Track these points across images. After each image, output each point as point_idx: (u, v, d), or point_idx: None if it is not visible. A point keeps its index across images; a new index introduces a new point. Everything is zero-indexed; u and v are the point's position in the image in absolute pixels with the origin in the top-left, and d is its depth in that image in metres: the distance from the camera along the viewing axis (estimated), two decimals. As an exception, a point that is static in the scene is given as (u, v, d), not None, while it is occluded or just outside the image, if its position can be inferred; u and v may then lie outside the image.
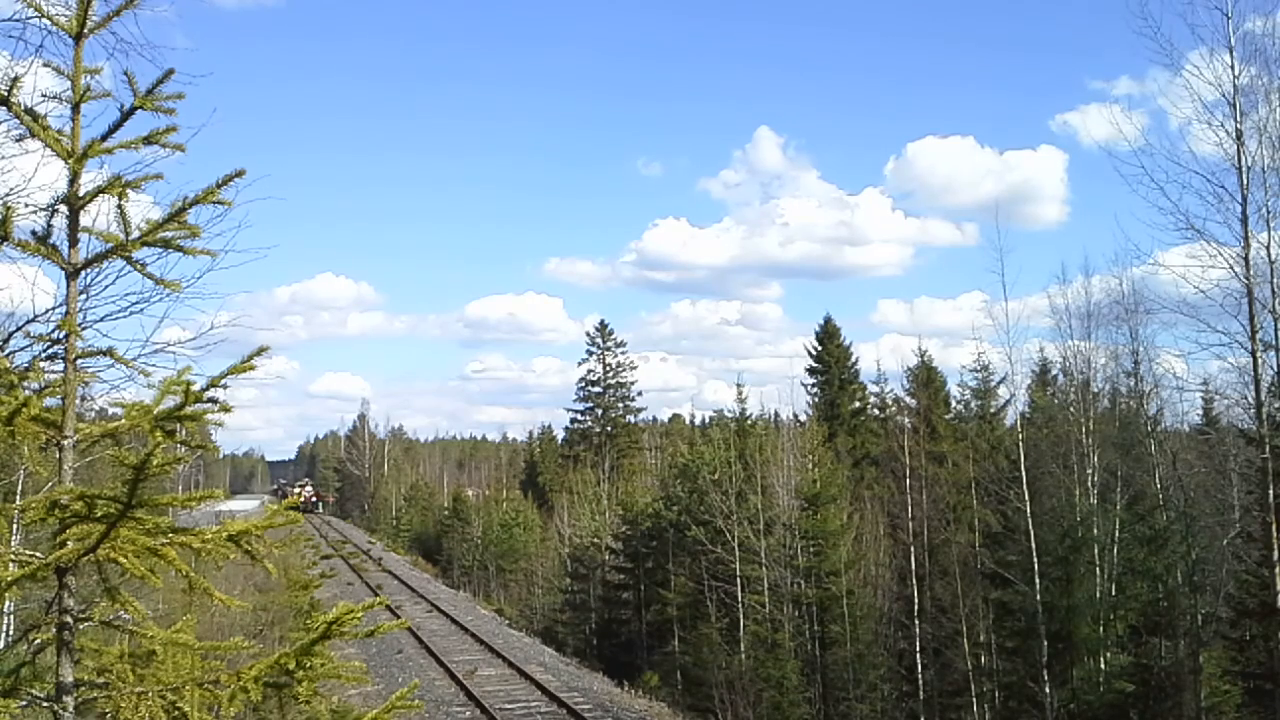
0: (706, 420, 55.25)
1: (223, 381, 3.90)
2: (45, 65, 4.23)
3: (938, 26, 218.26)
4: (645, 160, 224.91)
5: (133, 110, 3.94)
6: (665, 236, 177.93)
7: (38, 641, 4.22)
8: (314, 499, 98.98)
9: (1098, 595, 21.12)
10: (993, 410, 32.61)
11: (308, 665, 4.06)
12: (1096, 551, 21.57)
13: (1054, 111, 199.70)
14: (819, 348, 43.23)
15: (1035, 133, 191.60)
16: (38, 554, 3.93)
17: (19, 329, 6.99)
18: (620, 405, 61.29)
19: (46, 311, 7.09)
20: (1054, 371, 30.09)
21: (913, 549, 26.52)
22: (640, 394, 62.37)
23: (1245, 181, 14.29)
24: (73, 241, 3.99)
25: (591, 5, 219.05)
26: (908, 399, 36.96)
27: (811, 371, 42.87)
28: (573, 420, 62.72)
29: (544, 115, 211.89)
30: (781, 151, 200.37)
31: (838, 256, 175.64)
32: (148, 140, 4.03)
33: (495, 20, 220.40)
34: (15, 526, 5.06)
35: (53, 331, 4.68)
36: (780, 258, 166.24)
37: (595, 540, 40.15)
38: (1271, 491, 14.63)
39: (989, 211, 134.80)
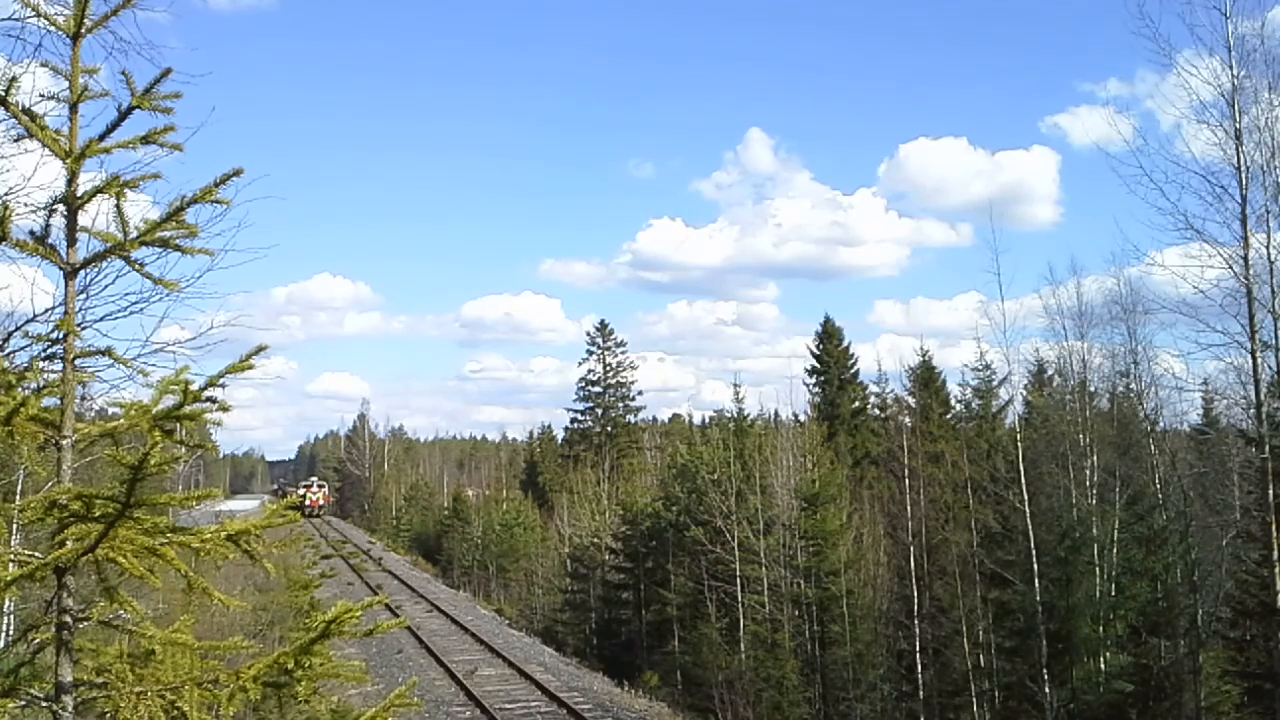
0: (706, 420, 55.31)
1: (221, 381, 3.90)
2: (43, 65, 4.23)
3: (927, 27, 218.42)
4: (637, 161, 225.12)
5: (130, 110, 3.94)
6: (660, 237, 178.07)
7: (37, 641, 4.22)
8: (321, 503, 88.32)
9: (1097, 595, 21.12)
10: (993, 411, 32.61)
11: (307, 665, 4.06)
12: (1095, 551, 21.57)
13: (1043, 113, 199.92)
14: (819, 348, 43.27)
15: (1026, 134, 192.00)
16: (37, 554, 3.94)
17: (18, 329, 7.00)
18: (620, 405, 61.28)
19: (45, 311, 7.10)
20: (1050, 372, 30.09)
21: (912, 549, 26.52)
22: (640, 394, 62.44)
23: (1244, 181, 14.30)
24: (71, 241, 4.00)
25: (583, 6, 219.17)
26: (908, 399, 36.97)
27: (811, 371, 42.91)
28: (573, 420, 62.78)
29: (535, 116, 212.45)
30: (773, 153, 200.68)
31: (833, 257, 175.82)
32: (146, 140, 4.03)
33: (487, 21, 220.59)
34: (14, 526, 5.06)
35: (51, 331, 4.67)
36: (775, 258, 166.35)
37: (595, 540, 40.15)
38: (1271, 491, 14.63)
39: (983, 212, 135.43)
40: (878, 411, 41.84)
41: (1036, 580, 21.17)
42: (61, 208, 3.98)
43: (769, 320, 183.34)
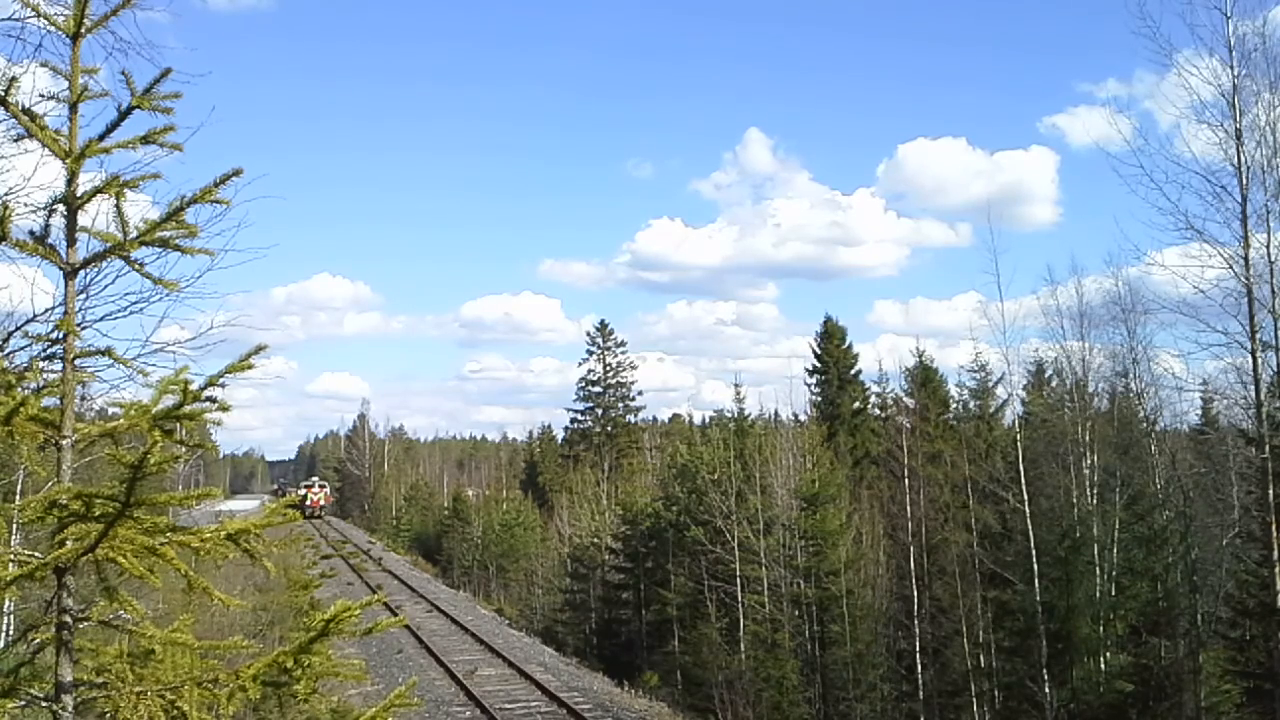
0: (706, 420, 55.33)
1: (221, 380, 3.90)
2: (43, 65, 4.23)
3: (926, 27, 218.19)
4: (636, 161, 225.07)
5: (130, 110, 3.94)
6: (659, 237, 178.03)
7: (37, 641, 4.22)
8: (323, 503, 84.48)
9: (1097, 595, 21.12)
10: (991, 410, 32.63)
11: (306, 664, 4.06)
12: (1096, 551, 21.57)
13: (1041, 114, 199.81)
14: (820, 347, 43.29)
15: (1024, 134, 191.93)
16: (37, 554, 3.94)
17: (18, 329, 7.00)
18: (620, 405, 61.28)
19: (45, 311, 7.10)
20: (1049, 372, 30.11)
21: (912, 549, 26.52)
22: (640, 394, 62.42)
23: (1245, 181, 14.30)
24: (71, 241, 4.00)
25: (583, 6, 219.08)
26: (906, 399, 36.96)
27: (812, 371, 42.93)
28: (573, 420, 62.78)
29: (535, 116, 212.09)
30: (771, 153, 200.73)
31: (832, 257, 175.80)
32: (145, 140, 4.03)
33: (487, 21, 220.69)
34: (14, 526, 5.06)
35: (51, 331, 4.68)
36: (774, 258, 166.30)
37: (595, 540, 40.15)
38: (1271, 491, 14.63)
39: (982, 212, 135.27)
40: (878, 411, 41.85)
41: (1036, 580, 21.17)
42: (61, 208, 3.98)
43: (768, 320, 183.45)
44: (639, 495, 38.76)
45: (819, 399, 41.94)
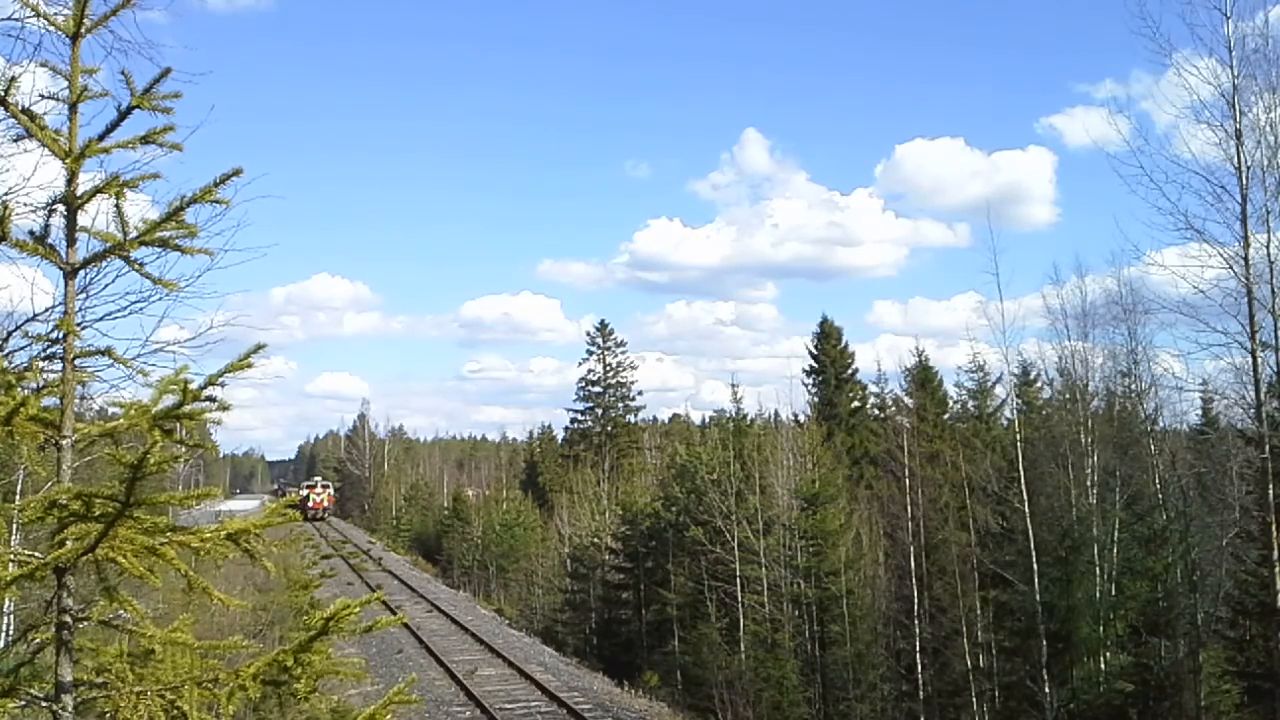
0: (706, 420, 55.30)
1: (220, 380, 3.90)
2: (43, 65, 4.23)
3: (924, 27, 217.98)
4: (634, 162, 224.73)
5: (130, 110, 3.94)
6: (658, 237, 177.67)
7: (37, 641, 4.23)
8: (326, 504, 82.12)
9: (1097, 595, 21.12)
10: (990, 410, 32.63)
11: (306, 663, 4.06)
12: (1096, 551, 21.57)
13: (1039, 114, 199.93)
14: (817, 348, 43.32)
15: (1022, 134, 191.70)
16: (37, 554, 3.94)
17: (18, 328, 7.01)
18: (620, 405, 61.24)
19: (45, 311, 7.11)
20: (1041, 370, 30.08)
21: (911, 548, 26.51)
22: (640, 394, 62.39)
23: (1245, 181, 14.30)
24: (71, 241, 4.00)
25: (581, 7, 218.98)
26: (906, 399, 37.00)
27: (810, 371, 42.96)
28: (573, 420, 62.73)
29: (533, 116, 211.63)
30: (769, 154, 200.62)
31: (830, 257, 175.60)
32: (145, 140, 4.03)
33: (486, 22, 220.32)
34: (14, 526, 5.07)
35: (51, 331, 4.68)
36: (773, 258, 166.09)
37: (595, 540, 40.15)
38: (1271, 491, 14.62)
39: (980, 212, 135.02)
40: (877, 411, 41.87)
41: (1036, 580, 21.16)
42: (61, 208, 3.98)
43: (767, 320, 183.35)
44: (639, 495, 38.76)
45: (816, 399, 41.97)
